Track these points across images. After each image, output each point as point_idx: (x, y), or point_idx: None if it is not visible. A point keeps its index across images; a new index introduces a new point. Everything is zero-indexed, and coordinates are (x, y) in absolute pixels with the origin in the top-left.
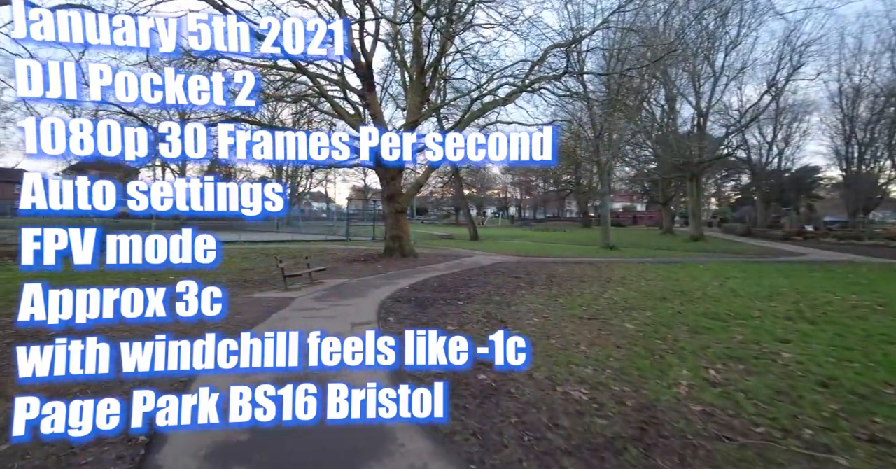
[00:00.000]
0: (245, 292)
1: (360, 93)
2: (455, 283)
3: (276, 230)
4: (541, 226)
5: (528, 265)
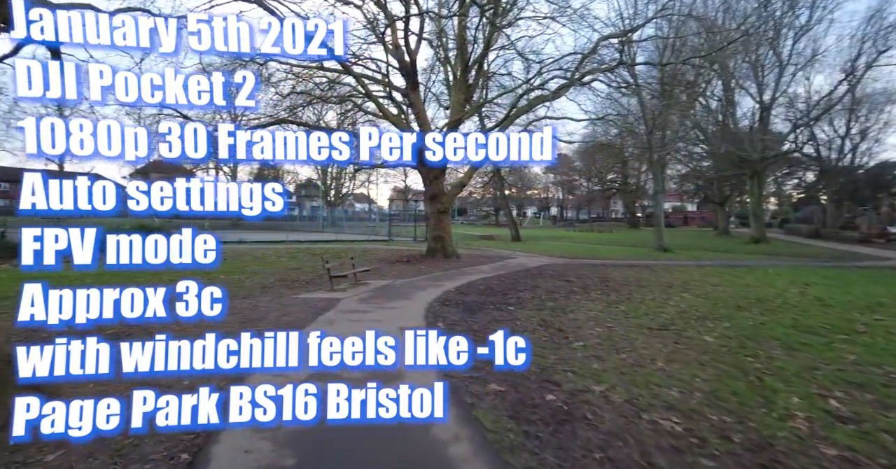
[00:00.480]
0: (292, 292)
1: (403, 92)
2: (502, 286)
3: (321, 230)
4: (584, 226)
5: (577, 268)
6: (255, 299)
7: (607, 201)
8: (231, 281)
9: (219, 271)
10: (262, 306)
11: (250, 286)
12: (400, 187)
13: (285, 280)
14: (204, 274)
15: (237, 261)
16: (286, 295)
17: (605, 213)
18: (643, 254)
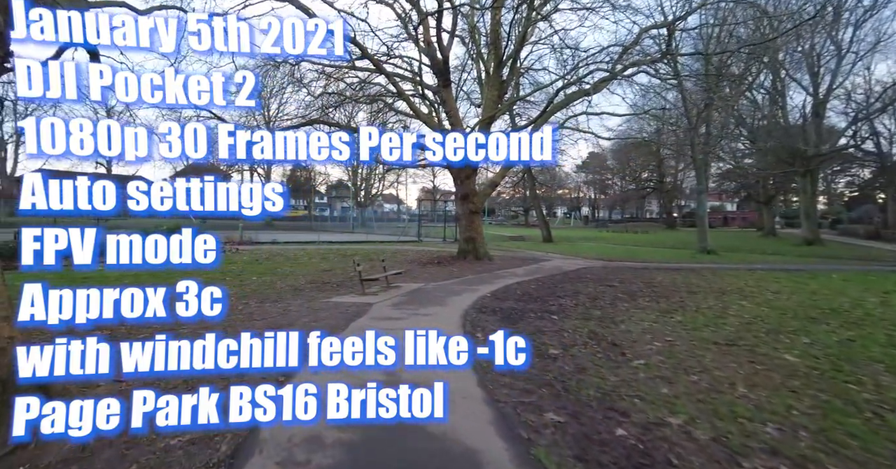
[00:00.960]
0: (324, 295)
1: (434, 89)
2: (541, 291)
3: (351, 231)
4: (618, 227)
5: (617, 271)
6: (287, 302)
7: (642, 201)
8: (263, 283)
9: (251, 272)
10: (293, 310)
11: (282, 288)
12: (428, 188)
13: (316, 282)
14: (235, 276)
15: (270, 261)
16: (317, 298)
17: (639, 214)
18: (685, 256)
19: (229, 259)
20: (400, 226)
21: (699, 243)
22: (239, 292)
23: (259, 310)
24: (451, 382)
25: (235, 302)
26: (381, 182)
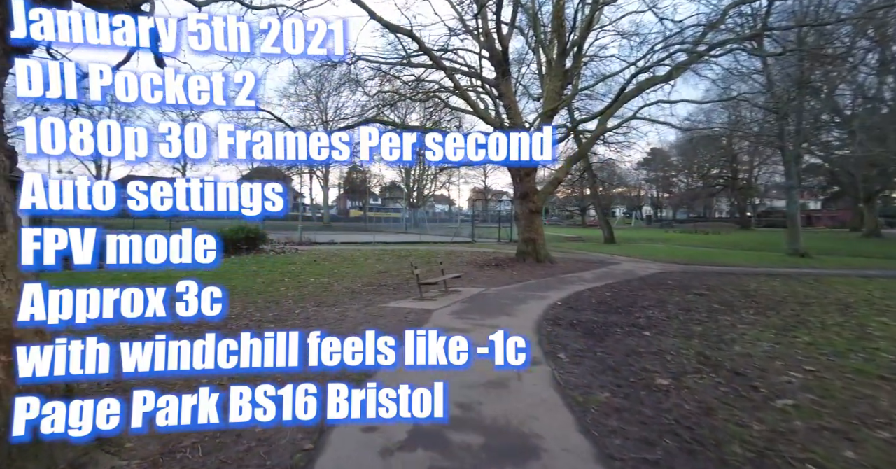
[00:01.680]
0: (381, 299)
1: (493, 83)
2: (619, 300)
3: (404, 231)
4: (685, 227)
5: (701, 277)
6: (344, 307)
7: (710, 199)
8: (320, 285)
9: (309, 273)
10: (350, 316)
11: (339, 291)
12: (480, 188)
13: (373, 284)
14: (294, 277)
15: (328, 262)
16: (374, 303)
17: (708, 213)
18: (775, 260)
19: (289, 260)
20: (453, 226)
21: (790, 245)
22: (297, 295)
23: (316, 315)
24: (542, 422)
25: (293, 305)
26: (432, 183)
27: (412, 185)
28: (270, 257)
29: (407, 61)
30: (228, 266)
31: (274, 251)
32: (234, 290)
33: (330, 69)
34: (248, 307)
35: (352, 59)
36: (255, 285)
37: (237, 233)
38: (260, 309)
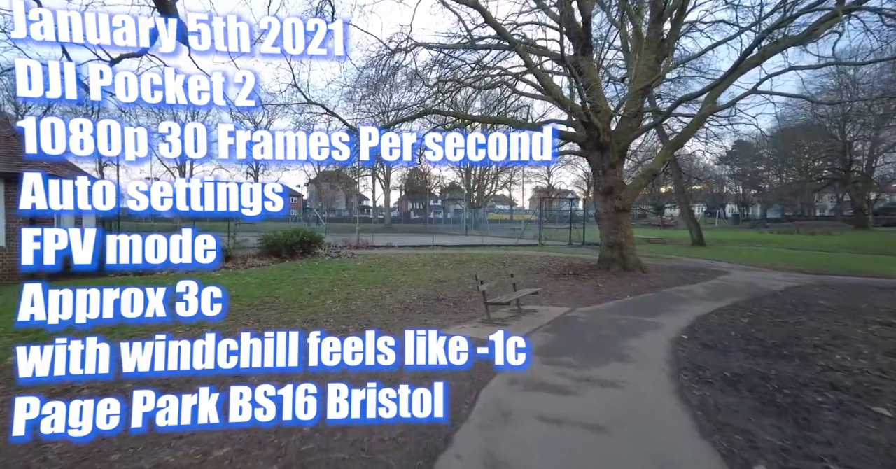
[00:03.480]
0: (438, 320)
1: (571, 60)
2: (767, 331)
3: (464, 233)
4: (783, 227)
5: (860, 293)
6: (392, 330)
7: (811, 196)
8: (371, 297)
9: (362, 281)
10: None
11: (391, 307)
12: (543, 186)
13: (430, 297)
14: (345, 286)
15: (383, 268)
16: (430, 326)
17: (808, 211)
18: None
19: (343, 265)
20: (515, 228)
21: None
22: (343, 310)
23: None
24: None
25: (333, 326)
26: (493, 182)
27: (472, 185)
28: (325, 262)
29: (470, 42)
30: (280, 272)
31: (329, 256)
32: (275, 302)
33: (387, 58)
34: (282, 326)
35: (410, 46)
36: (300, 296)
37: (292, 237)
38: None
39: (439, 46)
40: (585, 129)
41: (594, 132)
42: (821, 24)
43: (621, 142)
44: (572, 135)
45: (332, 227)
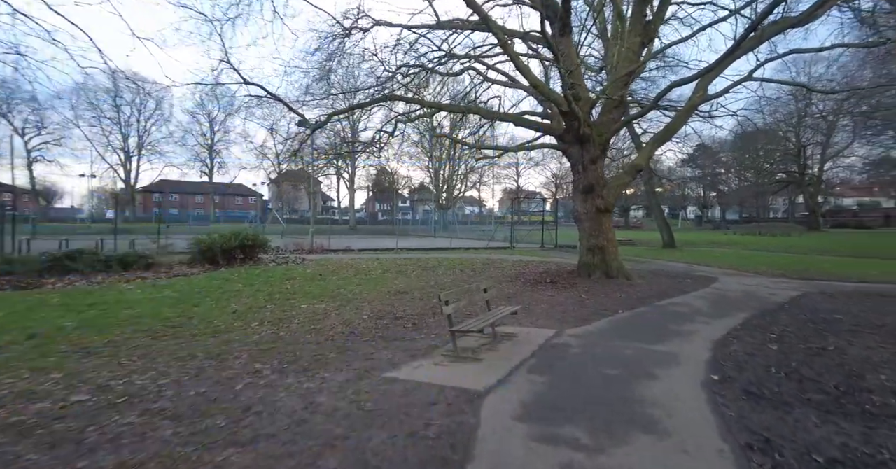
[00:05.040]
0: (389, 352)
1: (549, 41)
2: (810, 360)
3: (433, 235)
4: (745, 228)
5: (866, 303)
6: (320, 377)
7: (764, 199)
8: (311, 316)
9: (305, 293)
10: (309, 423)
11: (332, 331)
12: (512, 188)
13: (385, 315)
14: (283, 300)
15: (335, 276)
16: (378, 364)
17: (762, 213)
18: None
19: (289, 273)
20: (485, 229)
21: None
22: (267, 338)
23: (264, 399)
24: None
25: (241, 369)
26: (462, 183)
27: (441, 185)
28: (269, 270)
29: (436, 21)
30: (208, 283)
31: (275, 262)
32: (184, 326)
33: (342, 39)
34: (172, 364)
35: (368, 24)
36: (221, 316)
37: (230, 240)
38: (184, 375)
39: (402, 26)
40: (564, 118)
41: (574, 123)
42: (820, 4)
43: (603, 134)
44: (549, 126)
45: (292, 228)
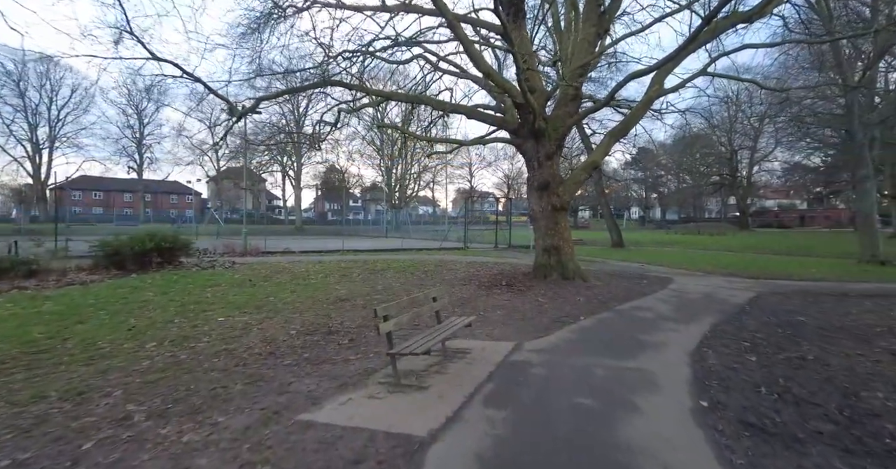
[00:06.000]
0: (309, 381)
1: (498, 30)
2: (795, 374)
3: (384, 236)
4: (684, 228)
5: (822, 304)
6: (203, 426)
7: (699, 200)
8: (230, 330)
9: (226, 304)
10: None
11: (248, 350)
12: (465, 188)
13: (316, 330)
14: (196, 313)
15: (268, 282)
16: (290, 403)
17: (697, 214)
18: (852, 270)
19: (214, 279)
20: (439, 230)
21: (866, 250)
22: (161, 364)
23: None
24: None
25: (111, 409)
26: (415, 182)
27: (394, 184)
28: (190, 275)
29: (381, 3)
30: (109, 293)
31: (199, 266)
32: (50, 351)
33: (275, 21)
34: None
35: (303, 3)
36: (111, 335)
37: (143, 243)
38: (7, 431)
39: (343, 6)
40: (519, 112)
41: (529, 116)
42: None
43: (558, 128)
44: (503, 120)
45: (231, 229)
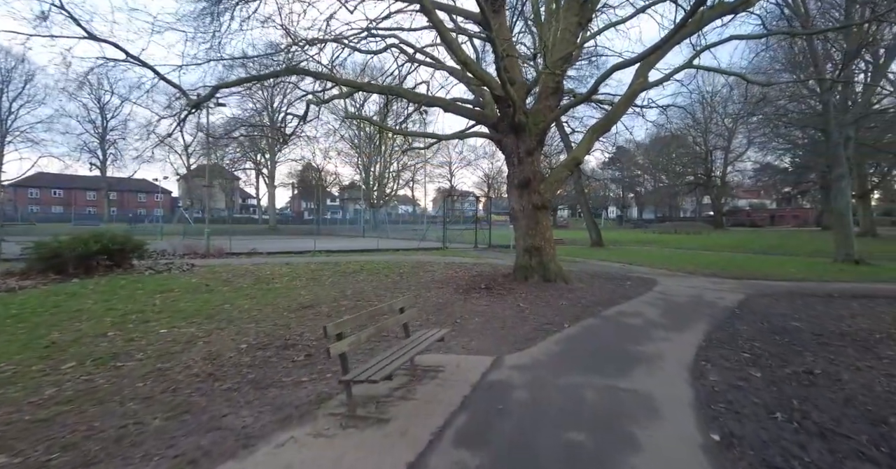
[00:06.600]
0: (247, 415)
1: (476, 18)
2: (807, 393)
3: (362, 235)
4: (661, 228)
5: (812, 307)
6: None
7: (675, 199)
8: (171, 344)
9: (174, 313)
10: None
11: (185, 370)
12: (445, 187)
13: (270, 344)
14: (140, 321)
15: (227, 287)
16: (214, 445)
17: (673, 213)
18: (829, 269)
19: (167, 284)
20: (418, 229)
21: (841, 249)
22: (70, 390)
23: None
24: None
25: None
26: (395, 181)
27: (372, 183)
28: (140, 280)
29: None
30: (38, 301)
31: (153, 270)
32: None
33: (235, 4)
34: None
35: None
36: (20, 353)
37: (87, 244)
38: None
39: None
40: (498, 105)
41: (509, 110)
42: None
43: (539, 123)
44: (482, 114)
45: (202, 228)
